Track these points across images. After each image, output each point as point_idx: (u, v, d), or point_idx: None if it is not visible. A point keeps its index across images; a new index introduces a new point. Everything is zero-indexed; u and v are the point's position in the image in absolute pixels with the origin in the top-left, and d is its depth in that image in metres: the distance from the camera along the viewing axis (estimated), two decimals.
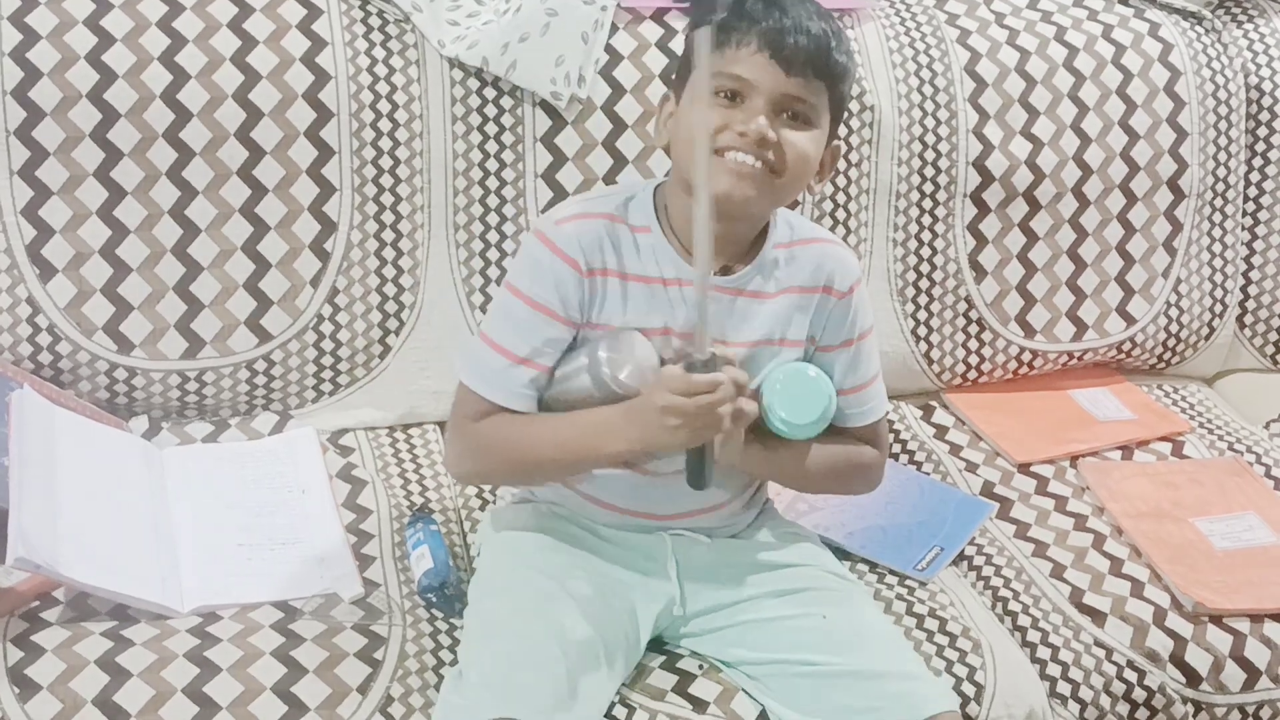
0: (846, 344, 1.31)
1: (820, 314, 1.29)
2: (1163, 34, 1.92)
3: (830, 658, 1.24)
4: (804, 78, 1.18)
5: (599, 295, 1.24)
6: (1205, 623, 1.45)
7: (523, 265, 1.26)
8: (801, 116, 1.19)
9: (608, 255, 1.24)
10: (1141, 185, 1.89)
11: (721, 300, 1.25)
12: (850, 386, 1.31)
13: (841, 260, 1.31)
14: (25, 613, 1.26)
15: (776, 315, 1.28)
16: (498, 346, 1.24)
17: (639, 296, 1.25)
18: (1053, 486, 1.67)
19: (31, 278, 1.53)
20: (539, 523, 1.33)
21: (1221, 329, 1.99)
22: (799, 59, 1.17)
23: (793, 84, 1.18)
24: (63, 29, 1.51)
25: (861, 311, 1.31)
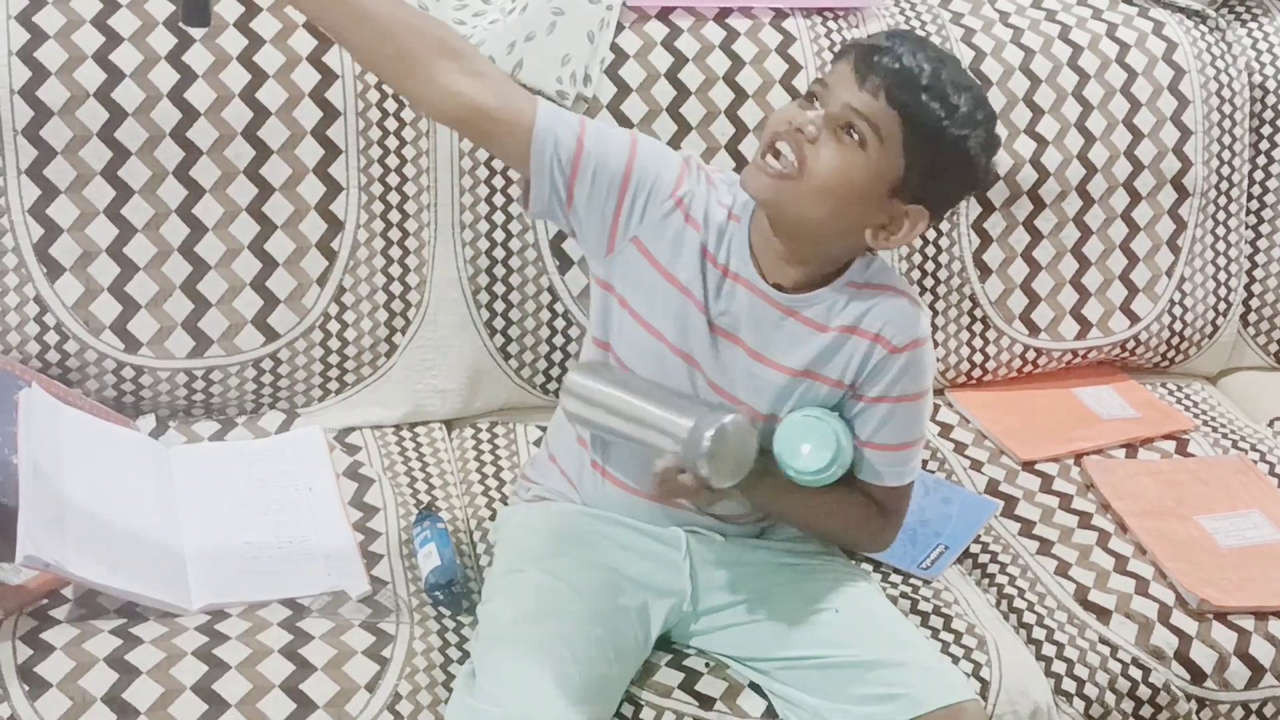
0: (887, 400, 1.26)
1: (865, 362, 1.25)
2: (1167, 32, 1.92)
3: (846, 650, 1.24)
4: (874, 96, 1.14)
5: (669, 230, 1.23)
6: (1210, 620, 1.45)
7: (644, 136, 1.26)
8: (860, 136, 1.15)
9: (698, 212, 1.24)
10: (1145, 184, 1.89)
11: (770, 315, 1.24)
12: (884, 443, 1.27)
13: (904, 313, 1.25)
14: (34, 610, 1.26)
15: (822, 350, 1.25)
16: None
17: (711, 275, 1.24)
18: (1057, 484, 1.67)
19: (39, 276, 1.53)
20: (550, 523, 1.34)
21: (1225, 327, 2.00)
22: (876, 75, 1.14)
23: (861, 98, 1.14)
24: (70, 28, 1.51)
25: (914, 372, 1.25)
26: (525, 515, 1.37)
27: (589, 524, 1.33)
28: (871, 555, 1.47)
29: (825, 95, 1.17)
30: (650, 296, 1.25)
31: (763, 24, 1.74)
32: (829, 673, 1.24)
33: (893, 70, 1.14)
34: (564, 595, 1.24)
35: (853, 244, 1.22)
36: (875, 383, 1.25)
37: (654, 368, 1.26)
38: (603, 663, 1.20)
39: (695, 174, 1.25)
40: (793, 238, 1.21)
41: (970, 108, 1.16)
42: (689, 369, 1.26)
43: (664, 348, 1.26)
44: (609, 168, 1.22)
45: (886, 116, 1.14)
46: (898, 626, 1.31)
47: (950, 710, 1.20)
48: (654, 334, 1.26)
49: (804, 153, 1.16)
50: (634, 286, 1.26)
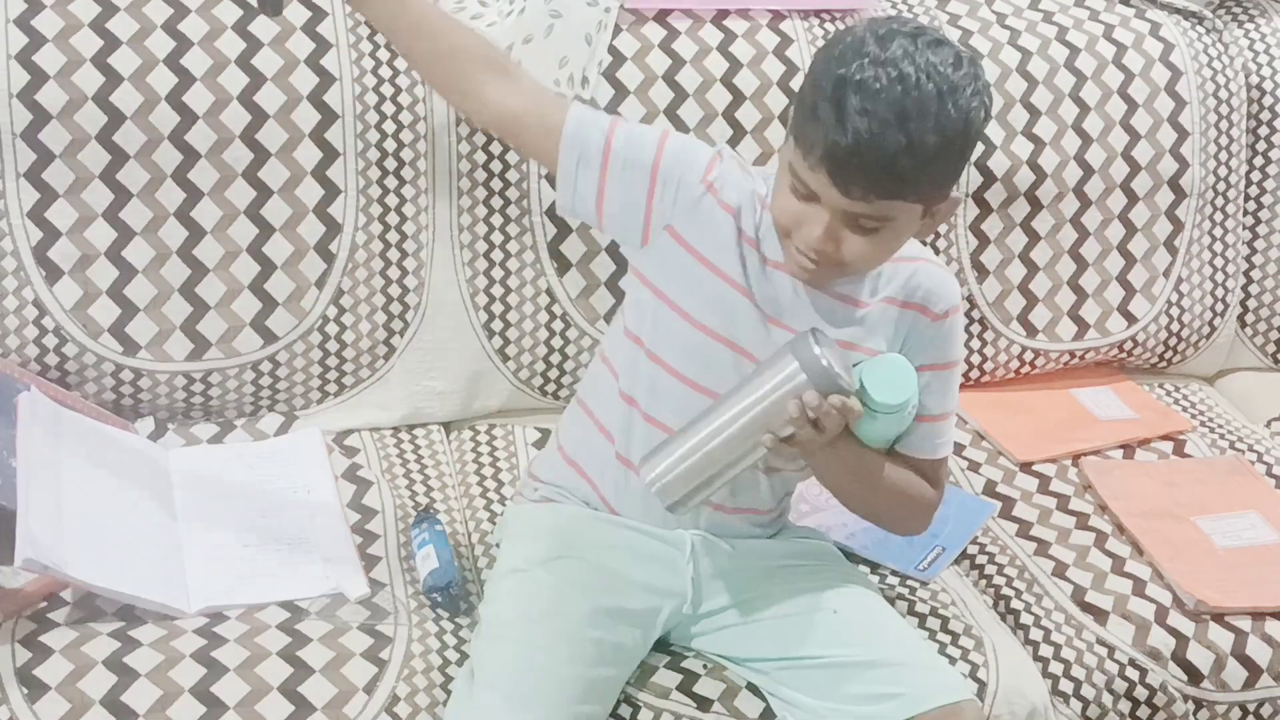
0: (932, 368, 1.26)
1: (910, 332, 1.26)
2: (1164, 34, 1.92)
3: (844, 650, 1.25)
4: (866, 200, 1.12)
5: (701, 216, 1.23)
6: (1207, 621, 1.45)
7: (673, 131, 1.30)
8: (872, 226, 1.15)
9: (731, 197, 1.24)
10: (1143, 185, 1.89)
11: (806, 294, 1.24)
12: (929, 413, 1.27)
13: (941, 281, 1.27)
14: (33, 613, 1.26)
15: (865, 323, 1.25)
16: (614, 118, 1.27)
17: (751, 259, 1.24)
18: (1055, 485, 1.67)
19: (38, 280, 1.54)
20: (556, 524, 1.34)
21: (1223, 328, 2.00)
22: (857, 183, 1.11)
23: (856, 205, 1.13)
24: (68, 32, 1.51)
25: (953, 338, 1.28)
26: (530, 515, 1.37)
27: (594, 526, 1.33)
28: (868, 558, 1.48)
29: (816, 199, 1.15)
30: (689, 287, 1.24)
31: (760, 26, 1.74)
32: (827, 673, 1.24)
33: (865, 171, 1.10)
34: (565, 596, 1.25)
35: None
36: (918, 352, 1.25)
37: (695, 359, 1.25)
38: (601, 663, 1.20)
39: (727, 161, 1.26)
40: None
41: (947, 122, 1.10)
42: (734, 356, 1.25)
43: (706, 338, 1.24)
44: (638, 162, 1.24)
45: (886, 207, 1.13)
46: (896, 627, 1.31)
47: (948, 710, 1.21)
48: (696, 325, 1.24)
49: (834, 257, 1.17)
50: (671, 279, 1.25)
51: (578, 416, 1.37)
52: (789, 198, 1.17)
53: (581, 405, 1.37)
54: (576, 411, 1.37)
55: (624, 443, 1.30)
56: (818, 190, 1.14)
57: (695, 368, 1.25)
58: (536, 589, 1.26)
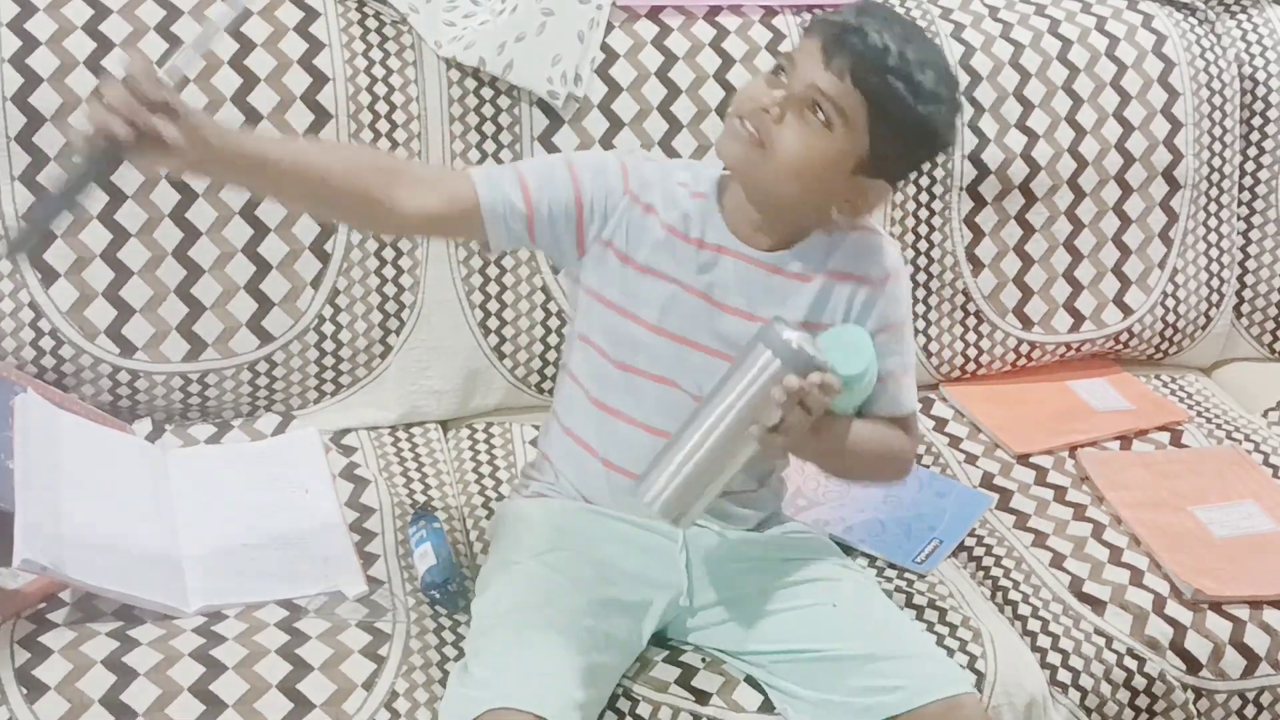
0: (883, 331, 1.29)
1: (855, 302, 1.29)
2: (1156, 25, 1.92)
3: (843, 644, 1.25)
4: (839, 77, 1.16)
5: (632, 226, 1.26)
6: (1205, 610, 1.45)
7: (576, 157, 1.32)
8: (825, 117, 1.17)
9: (653, 196, 1.26)
10: (1137, 176, 1.89)
11: (757, 275, 1.26)
12: (889, 372, 1.29)
13: (879, 249, 1.30)
14: (32, 614, 1.26)
15: (814, 300, 1.28)
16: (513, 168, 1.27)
17: (681, 251, 1.26)
18: (1052, 477, 1.67)
19: (34, 282, 1.54)
20: (549, 518, 1.34)
21: (1218, 318, 2.00)
22: (842, 57, 1.16)
23: (826, 78, 1.16)
24: (61, 35, 1.52)
25: (897, 300, 1.30)
26: (522, 509, 1.37)
27: (587, 519, 1.33)
28: (866, 551, 1.48)
29: (792, 72, 1.19)
30: (627, 288, 1.27)
31: (752, 21, 1.75)
32: (827, 666, 1.24)
33: (858, 50, 1.15)
34: (559, 586, 1.25)
35: (820, 218, 1.26)
36: (866, 318, 1.28)
37: (642, 355, 1.28)
38: (595, 652, 1.20)
39: (638, 166, 1.28)
40: (763, 208, 1.25)
41: (935, 84, 1.18)
42: (679, 348, 1.27)
43: (646, 332, 1.27)
44: (559, 202, 1.26)
45: (851, 98, 1.17)
46: (894, 619, 1.32)
47: (947, 702, 1.21)
48: (637, 322, 1.27)
49: (770, 132, 1.18)
50: (609, 283, 1.28)
51: (557, 434, 1.37)
52: (755, 82, 1.22)
53: (558, 421, 1.37)
54: (555, 428, 1.38)
55: (606, 450, 1.32)
56: (799, 58, 1.18)
57: (646, 363, 1.28)
58: (530, 580, 1.26)
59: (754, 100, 1.19)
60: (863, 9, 1.20)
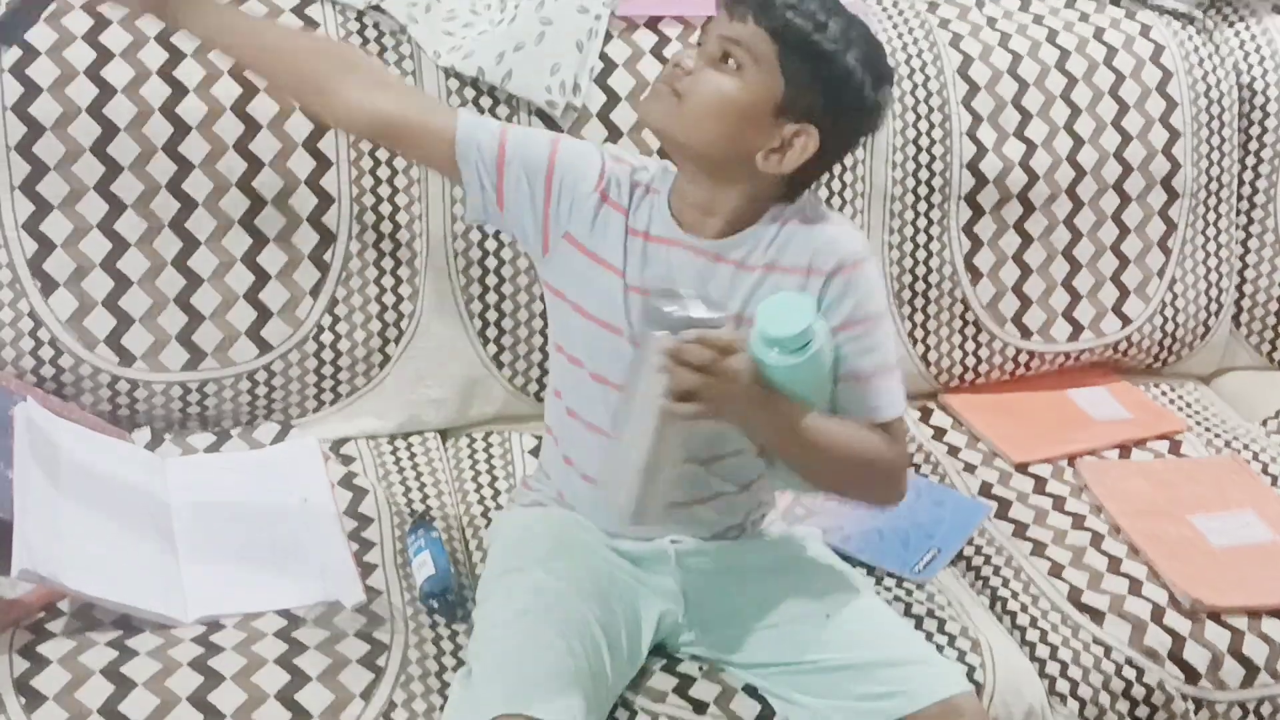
0: (845, 326, 1.22)
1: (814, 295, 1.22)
2: (1154, 35, 1.93)
3: (842, 653, 1.25)
4: (743, 21, 1.19)
5: (598, 223, 1.27)
6: (1203, 620, 1.45)
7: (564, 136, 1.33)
8: (732, 57, 1.20)
9: (622, 197, 1.28)
10: (1135, 185, 1.90)
11: (698, 264, 1.25)
12: (859, 373, 1.22)
13: (833, 239, 1.24)
14: (30, 624, 1.26)
15: (755, 291, 1.24)
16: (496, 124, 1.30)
17: (632, 247, 1.27)
18: (1051, 486, 1.67)
19: (33, 292, 1.54)
20: (549, 527, 1.34)
21: (1217, 327, 2.00)
22: (743, 2, 1.19)
23: (732, 27, 1.19)
24: (62, 45, 1.52)
25: (858, 294, 1.22)
26: (522, 518, 1.38)
27: (584, 532, 1.33)
28: (864, 561, 1.48)
29: (704, 36, 1.23)
30: (584, 286, 1.28)
31: None
32: (827, 675, 1.24)
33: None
34: (562, 594, 1.25)
35: (749, 172, 1.22)
36: (828, 313, 1.21)
37: (600, 354, 1.28)
38: (597, 661, 1.20)
39: (613, 163, 1.30)
40: (694, 177, 1.24)
41: (840, 27, 1.19)
42: (630, 349, 1.24)
43: (602, 330, 1.27)
44: (532, 164, 1.28)
45: (756, 37, 1.18)
46: (890, 625, 1.32)
47: (947, 704, 1.21)
48: (593, 320, 1.28)
49: (684, 83, 1.21)
50: (571, 281, 1.29)
51: (549, 446, 1.39)
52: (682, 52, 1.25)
53: (548, 433, 1.39)
54: (547, 441, 1.40)
55: (587, 462, 1.31)
56: (710, 25, 1.22)
57: (602, 362, 1.28)
58: (533, 587, 1.26)
59: (671, 63, 1.23)
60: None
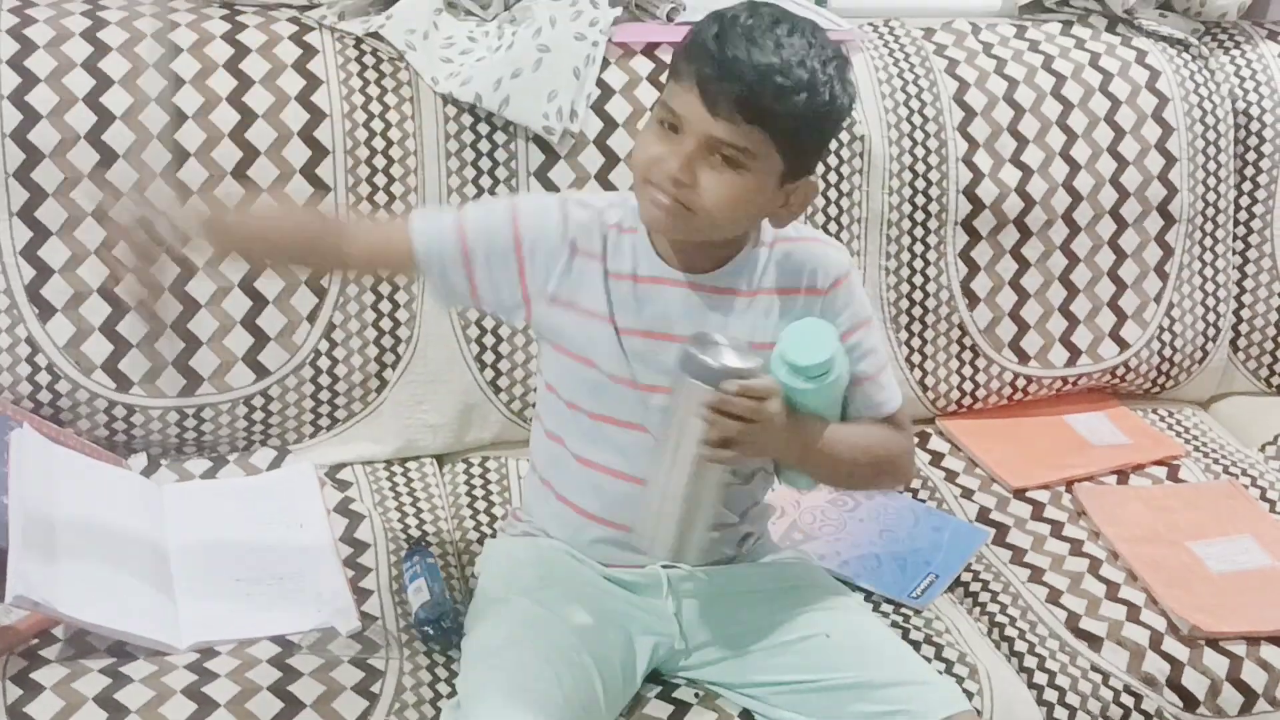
0: (843, 336, 1.26)
1: (806, 313, 1.26)
2: (1150, 61, 1.93)
3: (839, 673, 1.24)
4: (732, 122, 1.14)
5: (574, 274, 1.26)
6: (1202, 646, 1.45)
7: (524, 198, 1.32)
8: (732, 160, 1.16)
9: (594, 243, 1.26)
10: (1131, 211, 1.90)
11: (697, 300, 1.25)
12: (862, 375, 1.28)
13: (822, 257, 1.28)
14: (24, 650, 1.26)
15: (756, 317, 1.26)
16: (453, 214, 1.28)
17: (617, 291, 1.26)
18: (1048, 511, 1.67)
19: (31, 317, 1.54)
20: (540, 555, 1.34)
21: (1215, 353, 2.00)
22: (726, 102, 1.13)
23: (719, 127, 1.14)
24: (60, 72, 1.53)
25: (852, 304, 1.28)
26: (512, 548, 1.37)
27: (573, 562, 1.33)
28: (861, 586, 1.47)
29: (684, 125, 1.16)
30: (575, 335, 1.27)
31: None
32: (825, 695, 1.24)
33: (735, 92, 1.13)
34: (551, 623, 1.24)
35: (755, 232, 1.27)
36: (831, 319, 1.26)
37: (600, 399, 1.27)
38: (588, 690, 1.20)
39: (575, 210, 1.27)
40: (700, 244, 1.25)
41: (815, 70, 1.15)
42: (634, 392, 1.26)
43: (601, 377, 1.27)
44: (498, 245, 1.27)
45: (751, 135, 1.15)
46: (889, 645, 1.31)
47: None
48: (590, 366, 1.27)
49: (688, 195, 1.17)
50: (562, 333, 1.28)
51: (540, 492, 1.36)
52: (649, 138, 1.20)
53: (537, 476, 1.36)
54: (536, 485, 1.36)
55: (599, 508, 1.30)
56: (684, 112, 1.15)
57: (603, 406, 1.27)
58: (522, 616, 1.25)
59: (660, 168, 1.17)
60: (721, 33, 1.15)
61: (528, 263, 1.26)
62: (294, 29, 1.63)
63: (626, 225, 1.27)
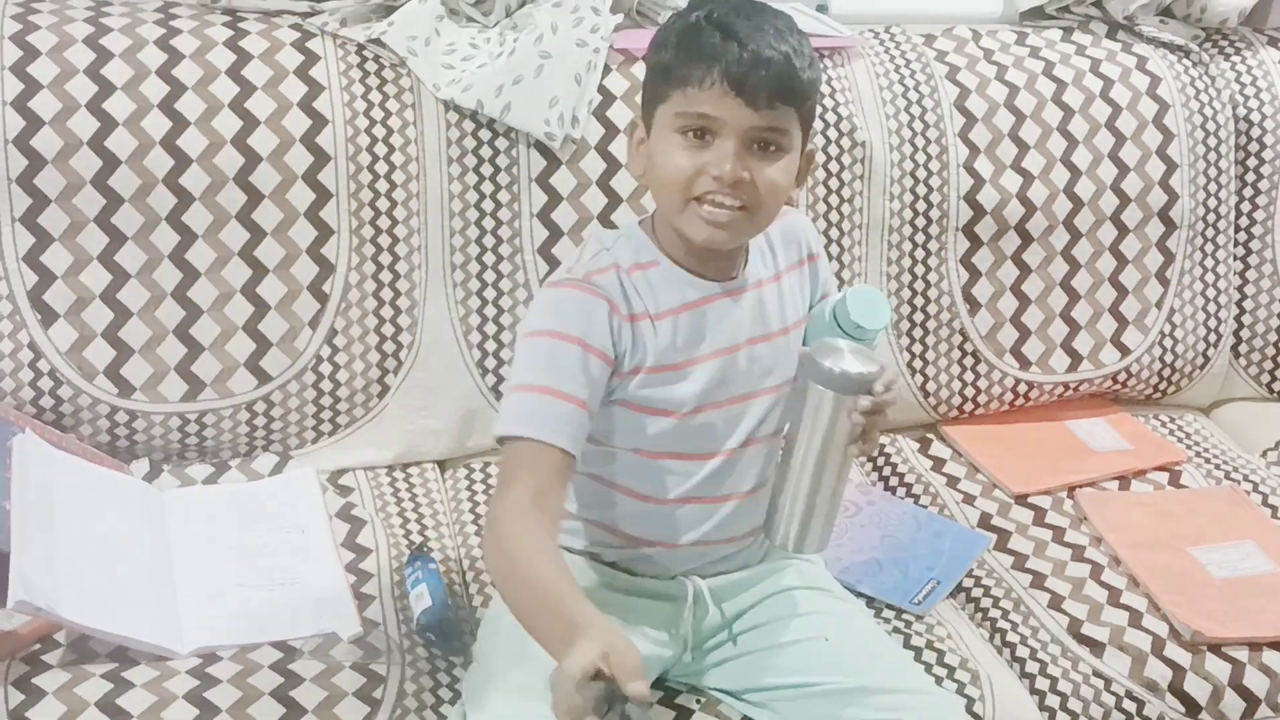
0: (827, 295, 1.36)
1: (814, 276, 1.35)
2: (1150, 67, 1.94)
3: (838, 678, 1.24)
4: (772, 108, 1.16)
5: (641, 339, 1.22)
6: (1204, 652, 1.45)
7: (547, 309, 1.22)
8: (774, 145, 1.18)
9: (634, 300, 1.23)
10: (1133, 217, 1.90)
11: (741, 301, 1.26)
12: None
13: (801, 225, 1.36)
14: (26, 655, 1.26)
15: (790, 294, 1.31)
16: (530, 387, 1.18)
17: (683, 326, 1.24)
18: (1050, 517, 1.67)
19: (33, 323, 1.55)
20: None
21: (1216, 358, 2.00)
22: (764, 91, 1.15)
23: (761, 117, 1.16)
24: (64, 79, 1.53)
25: (824, 255, 1.39)
26: None
27: (590, 572, 1.32)
28: (863, 592, 1.47)
29: (718, 127, 1.16)
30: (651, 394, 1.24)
31: None
32: (822, 701, 1.24)
33: (770, 80, 1.15)
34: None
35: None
36: (824, 284, 1.37)
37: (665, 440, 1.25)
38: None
39: (605, 285, 1.21)
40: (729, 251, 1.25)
41: (804, 41, 1.19)
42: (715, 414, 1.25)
43: (675, 421, 1.25)
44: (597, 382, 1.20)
45: (786, 118, 1.18)
46: (887, 651, 1.31)
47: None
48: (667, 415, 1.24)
49: (749, 195, 1.18)
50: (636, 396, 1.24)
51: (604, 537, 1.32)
52: (679, 154, 1.17)
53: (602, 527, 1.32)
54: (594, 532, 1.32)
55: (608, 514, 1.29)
56: (719, 113, 1.15)
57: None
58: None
59: (712, 177, 1.16)
60: (720, 26, 1.16)
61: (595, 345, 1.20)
62: (296, 35, 1.64)
63: (644, 260, 1.24)
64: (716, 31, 1.16)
